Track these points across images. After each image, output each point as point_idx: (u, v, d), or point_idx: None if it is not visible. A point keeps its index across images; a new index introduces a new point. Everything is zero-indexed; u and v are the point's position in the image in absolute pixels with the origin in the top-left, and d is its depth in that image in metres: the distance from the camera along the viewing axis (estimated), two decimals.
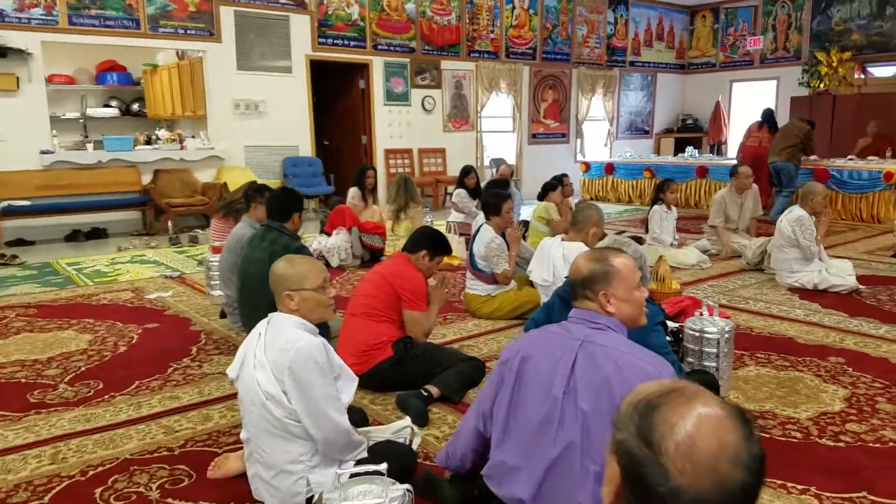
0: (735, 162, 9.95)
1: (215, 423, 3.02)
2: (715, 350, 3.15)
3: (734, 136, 14.02)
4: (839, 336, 4.09)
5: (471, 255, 4.61)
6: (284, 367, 2.11)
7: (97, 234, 8.34)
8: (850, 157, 9.60)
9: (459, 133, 11.71)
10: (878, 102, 10.88)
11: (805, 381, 3.39)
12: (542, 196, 6.57)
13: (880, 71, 11.92)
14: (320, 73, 10.31)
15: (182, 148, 9.01)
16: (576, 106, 13.20)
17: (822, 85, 12.31)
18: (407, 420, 2.74)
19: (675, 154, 13.42)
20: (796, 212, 5.31)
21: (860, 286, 5.15)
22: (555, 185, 6.46)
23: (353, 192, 7.04)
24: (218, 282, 4.91)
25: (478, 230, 4.70)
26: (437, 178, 10.91)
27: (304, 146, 10.22)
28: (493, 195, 4.70)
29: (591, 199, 12.02)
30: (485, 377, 3.32)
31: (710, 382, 2.85)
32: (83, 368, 3.72)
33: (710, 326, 3.18)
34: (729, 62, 14.30)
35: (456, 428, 2.30)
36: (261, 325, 2.28)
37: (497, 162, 11.88)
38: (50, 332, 4.41)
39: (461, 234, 6.75)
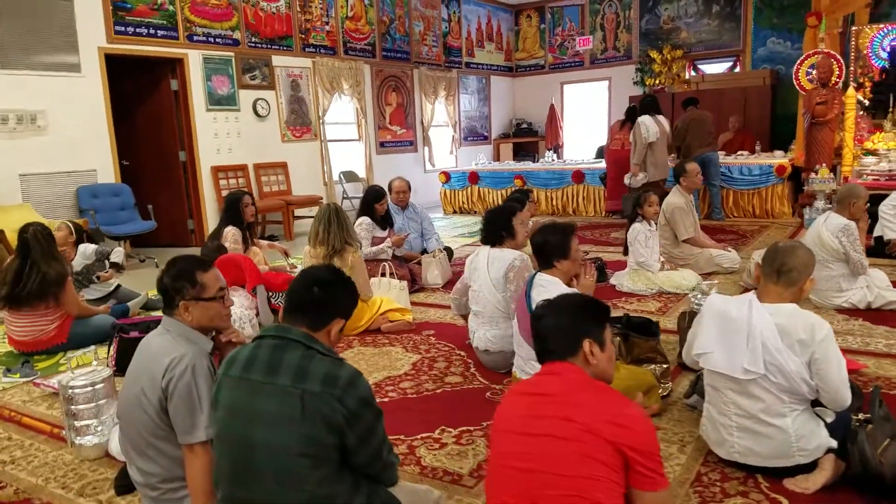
0: (603, 164, 9.38)
1: None
2: None
3: (570, 139, 13.68)
4: None
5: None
6: None
7: None
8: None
9: (301, 143, 9.72)
10: (714, 98, 10.93)
11: None
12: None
13: (709, 68, 12.13)
14: (116, 72, 7.78)
15: None
16: (420, 110, 11.82)
17: (657, 83, 12.25)
18: None
19: (514, 159, 12.75)
20: (837, 220, 4.41)
21: None
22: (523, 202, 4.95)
23: (233, 231, 4.92)
24: (96, 426, 2.76)
25: (529, 284, 3.09)
26: (287, 200, 8.82)
27: (106, 170, 7.64)
28: (553, 230, 3.06)
29: (455, 212, 10.74)
30: None
31: None
32: None
33: None
34: (558, 63, 13.84)
35: None
36: None
37: (348, 176, 10.20)
38: None
39: (396, 276, 5.00)
